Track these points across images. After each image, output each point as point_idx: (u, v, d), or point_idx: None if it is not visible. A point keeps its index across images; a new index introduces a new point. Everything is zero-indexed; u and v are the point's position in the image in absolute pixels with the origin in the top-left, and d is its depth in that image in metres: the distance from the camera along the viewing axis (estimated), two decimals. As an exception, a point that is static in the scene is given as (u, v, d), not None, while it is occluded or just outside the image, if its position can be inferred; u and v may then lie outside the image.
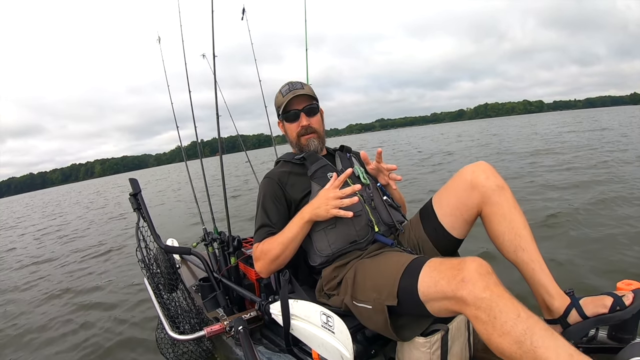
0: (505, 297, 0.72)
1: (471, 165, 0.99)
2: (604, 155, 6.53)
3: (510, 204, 0.93)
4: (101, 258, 4.39)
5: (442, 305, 0.79)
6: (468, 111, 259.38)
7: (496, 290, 0.72)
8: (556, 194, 4.05)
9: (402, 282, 0.86)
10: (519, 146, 10.30)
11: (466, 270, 0.75)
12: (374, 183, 1.20)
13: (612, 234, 2.60)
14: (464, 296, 0.74)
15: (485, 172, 0.96)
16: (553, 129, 16.95)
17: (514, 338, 0.69)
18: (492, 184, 0.94)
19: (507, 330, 0.69)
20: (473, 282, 0.74)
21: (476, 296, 0.73)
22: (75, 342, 2.23)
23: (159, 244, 1.49)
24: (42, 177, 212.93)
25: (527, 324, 0.69)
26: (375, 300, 0.88)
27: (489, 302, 0.72)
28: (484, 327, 0.72)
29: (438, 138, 22.05)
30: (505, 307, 0.71)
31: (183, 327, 1.37)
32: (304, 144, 1.22)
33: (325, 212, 1.00)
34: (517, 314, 0.70)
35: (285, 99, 1.20)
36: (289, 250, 1.06)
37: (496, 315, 0.71)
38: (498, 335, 0.70)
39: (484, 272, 0.75)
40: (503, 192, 0.94)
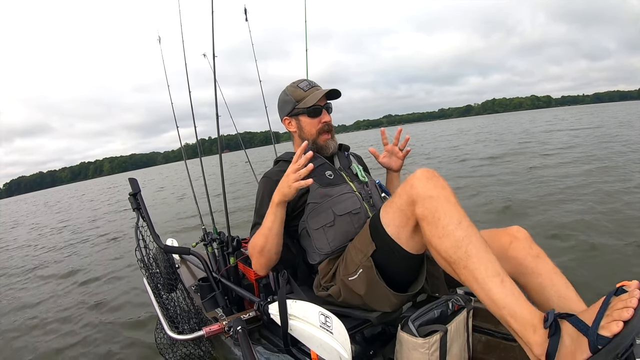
0: (451, 200, 0.76)
1: (507, 232, 0.94)
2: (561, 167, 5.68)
3: (550, 270, 0.87)
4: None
5: (406, 230, 0.84)
6: (475, 107, 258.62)
7: (443, 192, 0.77)
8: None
9: (371, 226, 0.91)
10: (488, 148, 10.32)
11: (414, 178, 0.81)
12: (372, 181, 1.21)
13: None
14: (413, 197, 0.79)
15: (522, 242, 0.91)
16: (546, 127, 17.05)
17: (451, 242, 0.73)
18: (528, 255, 0.89)
19: (447, 233, 0.73)
20: (421, 183, 0.79)
21: (424, 195, 0.77)
22: (74, 342, 2.23)
23: (159, 243, 1.49)
24: (52, 176, 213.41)
25: (466, 232, 0.73)
26: (362, 260, 0.92)
27: (435, 202, 0.76)
28: (428, 228, 0.77)
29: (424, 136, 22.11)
30: (449, 211, 0.75)
31: (182, 327, 1.37)
32: (322, 144, 1.21)
33: (288, 188, 0.99)
34: (459, 221, 0.74)
35: (310, 93, 1.19)
36: (271, 239, 1.05)
37: (440, 216, 0.75)
38: (438, 237, 0.75)
39: (430, 176, 0.79)
40: (541, 261, 0.88)
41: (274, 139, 2.38)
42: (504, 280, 0.70)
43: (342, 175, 1.17)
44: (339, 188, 1.11)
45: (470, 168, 6.84)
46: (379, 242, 0.89)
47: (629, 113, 21.36)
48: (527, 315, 0.68)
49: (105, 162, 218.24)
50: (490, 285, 0.70)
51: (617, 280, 0.68)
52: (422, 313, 0.94)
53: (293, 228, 1.16)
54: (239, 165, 15.01)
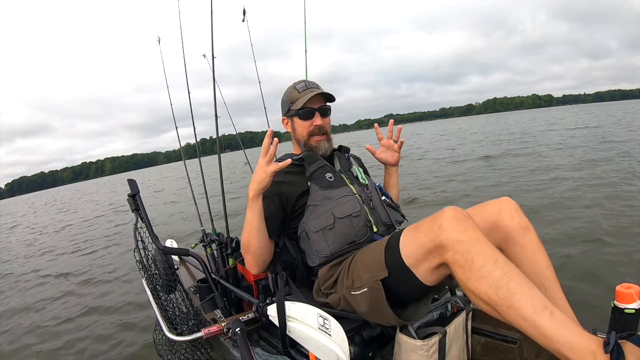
0: (482, 241, 0.73)
1: (496, 201, 0.96)
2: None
3: (534, 245, 0.91)
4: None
5: (427, 265, 0.80)
6: (477, 106, 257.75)
7: (473, 234, 0.74)
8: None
9: (386, 252, 0.88)
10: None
11: (443, 217, 0.77)
12: (372, 183, 1.21)
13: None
14: (442, 241, 0.75)
15: (510, 211, 0.93)
16: (535, 126, 17.23)
17: (490, 283, 0.69)
18: (516, 224, 0.92)
19: (484, 275, 0.70)
20: (451, 226, 0.75)
21: (454, 239, 0.74)
22: (71, 343, 2.23)
23: (157, 245, 1.49)
24: (53, 176, 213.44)
25: (504, 270, 0.70)
26: (369, 280, 0.90)
27: (467, 245, 0.72)
28: (462, 272, 0.73)
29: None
30: (482, 251, 0.72)
31: (181, 329, 1.36)
32: (313, 145, 1.21)
33: (264, 174, 1.00)
34: (495, 259, 0.71)
35: (302, 95, 1.19)
36: (254, 234, 1.05)
37: (473, 259, 0.71)
38: (475, 280, 0.71)
39: (460, 217, 0.76)
40: (527, 233, 0.91)
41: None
42: (552, 312, 0.67)
43: (342, 178, 1.16)
44: (339, 190, 1.11)
45: (465, 169, 6.90)
46: (393, 270, 0.86)
47: (627, 112, 21.50)
48: (583, 343, 0.65)
49: (106, 162, 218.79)
50: (540, 321, 0.66)
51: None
52: (421, 315, 0.93)
53: (292, 230, 1.15)
54: (238, 166, 15.03)
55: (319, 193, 1.10)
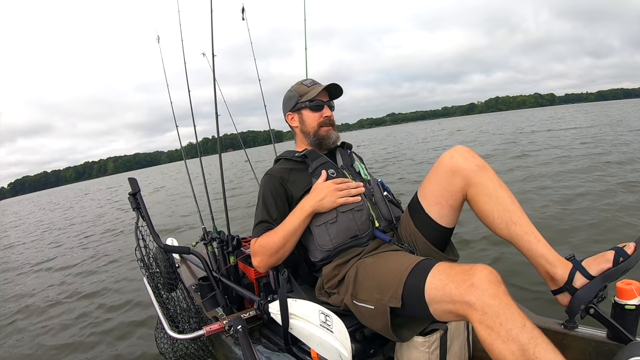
0: (513, 307, 0.73)
1: (449, 151, 0.99)
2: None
3: (494, 182, 0.93)
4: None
5: (446, 308, 0.79)
6: (479, 105, 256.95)
7: (505, 299, 0.73)
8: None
9: (407, 283, 0.85)
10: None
11: (477, 277, 0.75)
12: (374, 179, 1.22)
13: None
14: (471, 301, 0.74)
15: (463, 154, 0.96)
16: (530, 125, 17.36)
17: (518, 345, 0.69)
18: (472, 165, 0.94)
19: (512, 337, 0.70)
20: (483, 288, 0.74)
21: (484, 302, 0.73)
22: (72, 341, 2.23)
23: (158, 243, 1.49)
24: (56, 175, 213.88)
25: (532, 334, 0.70)
26: (378, 301, 0.88)
27: (497, 308, 0.72)
28: (488, 333, 0.72)
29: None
30: (512, 315, 0.71)
31: (182, 327, 1.37)
32: (324, 134, 1.24)
33: (332, 203, 1.03)
34: (523, 324, 0.71)
35: (312, 88, 1.24)
36: (290, 243, 1.06)
37: (502, 322, 0.71)
38: (502, 342, 0.71)
39: (494, 281, 0.75)
40: (485, 171, 0.94)
41: (273, 138, 2.38)
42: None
43: (344, 173, 1.17)
44: None
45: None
46: (408, 301, 0.85)
47: (625, 112, 21.56)
48: None
49: (109, 161, 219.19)
50: None
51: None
52: (422, 312, 0.93)
53: None
54: (238, 166, 15.06)
55: None
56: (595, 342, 0.93)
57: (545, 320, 1.06)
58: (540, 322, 1.07)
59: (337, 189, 1.05)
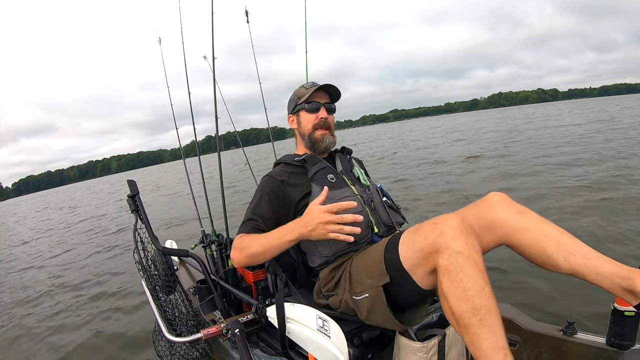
0: (478, 264, 0.72)
1: (485, 199, 0.93)
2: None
3: (537, 222, 0.87)
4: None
5: (424, 269, 0.80)
6: (482, 101, 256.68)
7: (473, 254, 0.73)
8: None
9: (386, 258, 0.87)
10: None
11: (447, 225, 0.75)
12: (373, 185, 1.21)
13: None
14: (440, 249, 0.74)
15: (500, 203, 0.90)
16: (525, 123, 17.49)
17: (469, 307, 0.70)
18: (511, 212, 0.88)
19: (467, 297, 0.70)
20: (452, 236, 0.74)
21: (452, 249, 0.73)
22: (70, 342, 2.23)
23: (157, 245, 1.49)
24: (60, 175, 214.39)
25: (486, 301, 0.70)
26: (371, 285, 0.89)
27: (463, 261, 0.72)
28: (447, 285, 0.73)
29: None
30: (475, 275, 0.71)
31: (180, 330, 1.36)
32: (318, 137, 1.22)
33: (321, 236, 0.94)
34: (482, 288, 0.71)
35: (310, 90, 1.23)
36: (269, 255, 1.03)
37: (463, 278, 0.71)
38: (456, 298, 0.71)
39: (464, 231, 0.74)
40: (525, 215, 0.88)
41: (272, 137, 2.40)
42: (506, 355, 0.68)
43: (343, 179, 1.17)
44: (341, 191, 1.11)
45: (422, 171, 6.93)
46: (394, 274, 0.86)
47: (623, 107, 21.66)
48: None
49: (112, 160, 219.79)
50: (493, 358, 0.68)
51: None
52: (421, 317, 0.93)
53: None
54: (238, 166, 15.08)
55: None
56: (594, 348, 0.93)
57: (545, 326, 1.05)
58: (539, 328, 1.06)
59: (330, 221, 0.92)
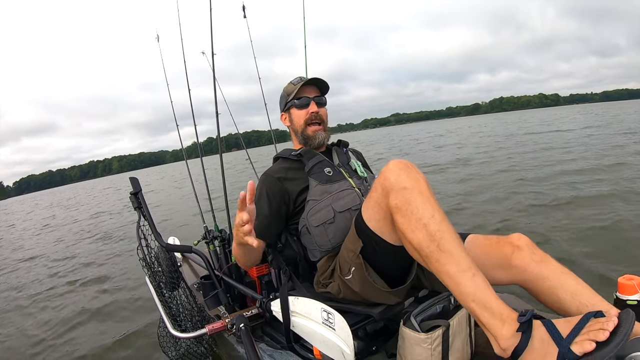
0: (424, 193, 0.76)
1: (509, 240, 0.95)
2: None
3: (557, 272, 0.88)
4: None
5: (386, 221, 0.83)
6: (483, 105, 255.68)
7: (417, 184, 0.76)
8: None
9: (355, 224, 0.91)
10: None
11: (388, 169, 0.80)
12: (371, 176, 1.21)
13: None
14: (387, 189, 0.78)
15: (522, 250, 0.92)
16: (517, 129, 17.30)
17: (425, 235, 0.73)
18: (532, 261, 0.90)
19: (420, 227, 0.73)
20: (394, 174, 0.78)
21: (397, 186, 0.77)
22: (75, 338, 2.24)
23: (160, 242, 1.49)
24: (61, 174, 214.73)
25: (439, 227, 0.73)
26: (352, 258, 0.92)
27: (409, 193, 0.75)
28: (402, 220, 0.76)
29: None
30: (422, 204, 0.75)
31: (185, 325, 1.37)
32: (310, 134, 1.22)
33: (241, 240, 0.88)
34: (432, 214, 0.74)
35: (298, 86, 1.21)
36: (250, 261, 1.10)
37: (413, 210, 0.75)
38: (411, 230, 0.75)
39: (403, 166, 0.79)
40: (546, 266, 0.89)
41: (274, 138, 2.39)
42: (475, 274, 0.72)
43: (341, 172, 1.17)
44: (338, 184, 1.12)
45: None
46: (364, 237, 0.89)
47: (621, 113, 21.48)
48: (495, 308, 0.70)
49: (114, 160, 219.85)
50: (461, 279, 0.71)
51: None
52: (424, 308, 0.93)
53: (293, 226, 1.16)
54: (236, 167, 15.09)
55: (319, 188, 1.11)
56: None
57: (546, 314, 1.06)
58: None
59: (237, 225, 0.87)
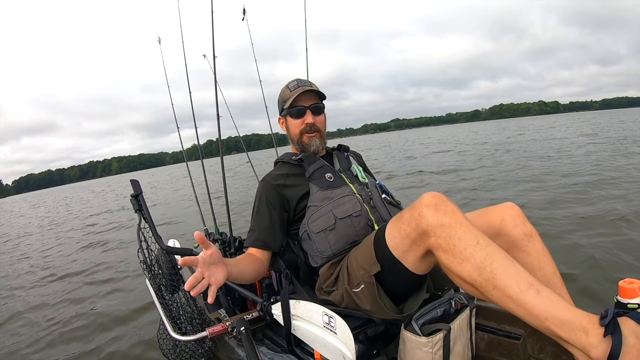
0: (463, 224, 0.73)
1: (500, 208, 0.95)
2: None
3: (539, 252, 0.90)
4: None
5: (414, 254, 0.81)
6: (483, 112, 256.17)
7: (454, 217, 0.73)
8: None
9: (375, 246, 0.88)
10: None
11: (422, 205, 0.77)
12: (372, 181, 1.20)
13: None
14: (423, 228, 0.75)
15: (514, 218, 0.92)
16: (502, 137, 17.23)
17: (473, 265, 0.69)
18: (520, 232, 0.91)
19: (466, 257, 0.70)
20: (430, 212, 0.75)
21: (435, 225, 0.73)
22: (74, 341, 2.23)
23: (161, 245, 1.49)
24: (61, 174, 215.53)
25: (486, 252, 0.70)
26: (364, 276, 0.90)
27: (448, 229, 0.72)
28: (445, 256, 0.73)
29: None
30: (464, 234, 0.71)
31: (185, 328, 1.37)
32: (305, 142, 1.21)
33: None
34: (477, 241, 0.71)
35: (293, 93, 1.17)
36: (241, 282, 1.09)
37: (455, 242, 0.71)
38: (458, 263, 0.71)
39: (439, 202, 0.76)
40: (532, 241, 0.90)
41: (275, 142, 2.39)
42: (539, 290, 0.66)
43: (342, 177, 1.16)
44: (339, 190, 1.11)
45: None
46: (384, 262, 0.87)
47: (613, 122, 21.45)
48: (573, 319, 0.64)
49: (113, 161, 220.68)
50: (527, 299, 0.66)
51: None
52: (425, 312, 0.94)
53: (294, 231, 1.16)
54: (233, 169, 15.04)
55: (319, 194, 1.10)
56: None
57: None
58: None
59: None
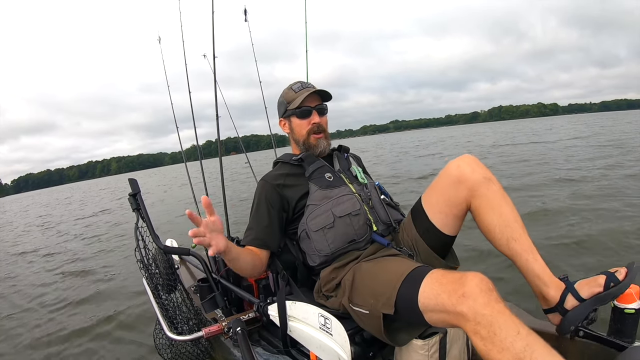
0: (505, 314, 0.72)
1: (456, 159, 0.98)
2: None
3: (498, 195, 0.93)
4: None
5: (440, 317, 0.79)
6: (482, 114, 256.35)
7: (497, 307, 0.72)
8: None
9: (401, 290, 0.85)
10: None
11: (468, 286, 0.75)
12: (371, 182, 1.21)
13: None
14: (464, 311, 0.73)
15: (470, 164, 0.95)
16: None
17: (513, 354, 0.68)
18: (478, 176, 0.93)
19: (506, 347, 0.68)
20: (474, 297, 0.73)
21: (477, 312, 0.72)
22: (70, 340, 2.23)
23: (158, 244, 1.49)
24: (60, 174, 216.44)
25: (526, 341, 0.68)
26: (372, 306, 0.88)
27: (490, 318, 0.71)
28: (483, 343, 0.71)
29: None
30: (505, 323, 0.70)
31: (181, 328, 1.36)
32: (313, 143, 1.21)
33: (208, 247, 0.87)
34: (517, 331, 0.69)
35: (300, 94, 1.19)
36: (236, 268, 1.05)
37: (496, 331, 0.70)
38: (497, 352, 0.69)
39: (485, 289, 0.74)
40: (490, 184, 0.93)
41: (274, 142, 2.39)
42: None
43: (341, 177, 1.17)
44: (339, 190, 1.12)
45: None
46: (402, 309, 0.85)
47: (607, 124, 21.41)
48: None
49: (112, 161, 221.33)
50: None
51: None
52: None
53: (292, 230, 1.16)
54: (230, 169, 15.02)
55: (319, 193, 1.11)
56: (594, 346, 0.93)
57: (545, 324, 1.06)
58: (538, 325, 1.07)
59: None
